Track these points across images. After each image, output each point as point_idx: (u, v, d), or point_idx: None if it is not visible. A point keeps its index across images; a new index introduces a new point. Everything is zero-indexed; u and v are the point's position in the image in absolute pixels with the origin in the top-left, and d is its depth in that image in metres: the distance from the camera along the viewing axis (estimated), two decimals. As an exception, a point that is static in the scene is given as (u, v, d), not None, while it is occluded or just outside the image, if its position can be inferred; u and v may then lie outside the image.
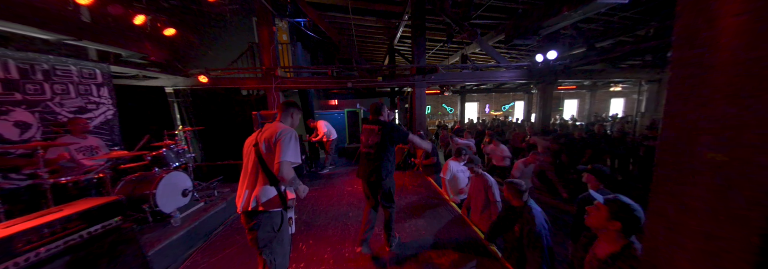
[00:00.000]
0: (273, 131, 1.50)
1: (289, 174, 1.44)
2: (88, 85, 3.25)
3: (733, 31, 0.65)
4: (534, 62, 5.45)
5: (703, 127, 0.71)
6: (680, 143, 0.76)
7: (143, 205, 2.44)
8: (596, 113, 13.43)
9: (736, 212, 0.64)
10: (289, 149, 1.45)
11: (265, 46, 5.32)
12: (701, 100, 0.71)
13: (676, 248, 0.78)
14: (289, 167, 1.44)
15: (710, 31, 0.69)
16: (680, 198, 0.76)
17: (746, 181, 0.63)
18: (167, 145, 3.06)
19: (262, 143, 1.50)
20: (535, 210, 1.80)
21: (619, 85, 11.49)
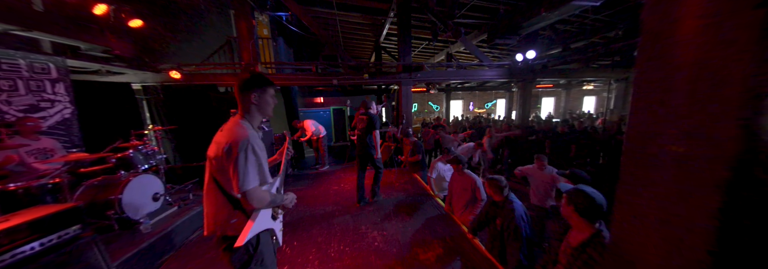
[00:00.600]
0: (220, 142, 1.12)
1: (262, 200, 1.14)
2: (40, 81, 2.94)
3: (694, 32, 0.68)
4: (514, 61, 5.63)
5: (665, 121, 0.75)
6: (644, 136, 0.81)
7: (108, 212, 2.25)
8: (570, 110, 14.17)
9: (694, 201, 0.69)
10: (248, 171, 1.08)
11: (244, 41, 5.08)
12: (664, 96, 0.75)
13: (640, 235, 0.82)
14: (258, 193, 1.11)
15: (673, 32, 0.73)
16: (644, 188, 0.81)
17: (703, 172, 0.67)
18: (135, 146, 2.84)
19: (211, 157, 1.16)
20: (515, 203, 1.87)
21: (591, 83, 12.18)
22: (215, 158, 1.14)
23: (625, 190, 0.88)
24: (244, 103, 1.20)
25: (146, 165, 2.83)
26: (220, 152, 1.11)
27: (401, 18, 5.51)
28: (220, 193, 1.17)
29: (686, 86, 0.70)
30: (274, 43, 6.49)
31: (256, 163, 1.11)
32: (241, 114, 1.22)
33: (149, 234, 2.31)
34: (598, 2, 3.34)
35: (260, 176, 1.12)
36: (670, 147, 0.74)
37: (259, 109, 1.22)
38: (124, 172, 2.58)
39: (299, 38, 8.28)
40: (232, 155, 1.08)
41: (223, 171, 1.13)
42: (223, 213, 1.18)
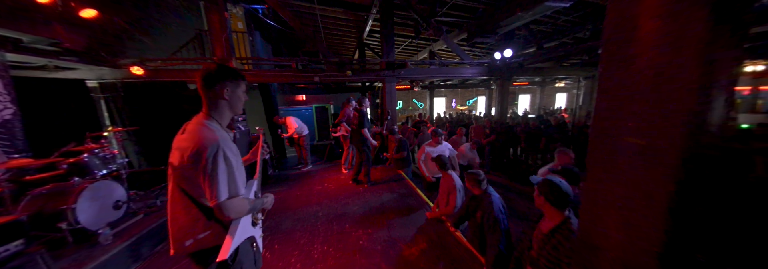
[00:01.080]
0: (184, 148, 0.96)
1: (240, 210, 1.00)
2: (-31, 77, 2.56)
3: (650, 33, 0.73)
4: (493, 60, 5.79)
5: (625, 116, 0.80)
6: (607, 130, 0.86)
7: (59, 223, 2.02)
8: (544, 107, 14.93)
9: (650, 188, 0.75)
10: (218, 180, 0.94)
11: (216, 35, 4.76)
12: (624, 93, 0.80)
13: (604, 221, 0.88)
14: (234, 204, 0.97)
15: (631, 32, 0.77)
16: (607, 177, 0.86)
17: (658, 162, 0.73)
18: (90, 150, 2.57)
19: (175, 164, 0.99)
20: (493, 196, 1.93)
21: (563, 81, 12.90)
22: (180, 166, 0.97)
23: (590, 179, 0.93)
24: (211, 98, 1.03)
25: (104, 171, 2.58)
26: (185, 160, 0.95)
27: (384, 14, 5.44)
28: (191, 203, 1.00)
29: (643, 83, 0.75)
30: (250, 37, 6.15)
31: (227, 172, 0.96)
32: (207, 112, 1.04)
33: (109, 245, 2.10)
34: (569, 3, 3.50)
35: (232, 186, 0.98)
36: (628, 139, 0.79)
37: (231, 105, 1.06)
38: (78, 179, 2.33)
39: (278, 33, 7.95)
40: (201, 163, 0.93)
41: (190, 179, 0.98)
42: (197, 225, 1.01)
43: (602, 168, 0.88)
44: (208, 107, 1.04)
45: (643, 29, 0.74)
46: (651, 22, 0.72)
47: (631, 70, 0.78)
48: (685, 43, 0.66)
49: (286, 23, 6.31)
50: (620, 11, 0.80)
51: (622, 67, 0.80)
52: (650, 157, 0.74)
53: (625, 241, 0.81)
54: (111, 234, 2.20)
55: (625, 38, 0.79)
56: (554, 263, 1.25)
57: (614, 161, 0.84)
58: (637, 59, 0.76)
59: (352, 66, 5.94)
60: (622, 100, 0.81)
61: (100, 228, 2.19)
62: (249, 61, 5.60)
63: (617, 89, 0.82)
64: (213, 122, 1.03)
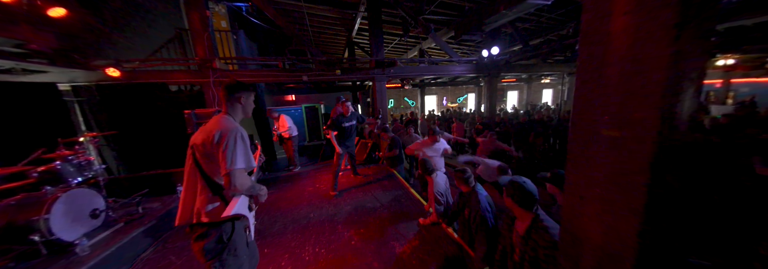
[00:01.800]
0: (210, 130, 1.23)
1: (244, 183, 1.21)
2: None
3: (622, 28, 0.74)
4: (481, 57, 5.86)
5: (601, 109, 0.82)
6: (585, 123, 0.88)
7: (31, 235, 1.91)
8: (531, 103, 15.27)
9: (628, 179, 0.76)
10: (236, 154, 1.19)
11: (197, 34, 4.58)
12: (598, 87, 0.82)
13: (586, 214, 0.90)
14: (242, 175, 1.20)
15: (605, 28, 0.79)
16: (587, 170, 0.88)
17: (633, 153, 0.75)
18: (63, 157, 2.43)
19: (198, 144, 1.25)
20: (480, 195, 1.94)
21: (549, 77, 13.21)
22: (202, 144, 1.23)
23: (572, 172, 0.94)
24: (231, 103, 1.36)
25: (80, 178, 2.45)
26: (209, 138, 1.21)
27: (372, 12, 5.40)
28: (201, 179, 1.25)
29: (616, 78, 0.77)
30: (234, 36, 5.97)
31: (243, 148, 1.22)
32: (226, 111, 1.36)
33: (87, 256, 2.00)
34: (549, 1, 3.58)
35: (247, 160, 1.22)
36: (604, 131, 0.81)
37: (244, 109, 1.39)
38: (51, 188, 2.20)
39: (264, 32, 7.75)
40: (223, 140, 1.19)
41: (209, 156, 1.23)
42: (202, 198, 1.24)
43: (582, 161, 0.90)
44: (228, 109, 1.37)
45: (615, 25, 0.76)
46: (622, 18, 0.74)
47: (605, 65, 0.80)
48: (653, 37, 0.68)
49: (272, 22, 6.16)
50: (595, 9, 0.82)
51: (596, 61, 0.82)
52: (625, 149, 0.76)
53: (606, 231, 0.83)
54: (88, 244, 2.09)
55: (598, 34, 0.81)
56: (536, 263, 1.26)
57: (592, 153, 0.86)
58: (610, 54, 0.78)
59: (342, 65, 5.88)
60: (597, 93, 0.83)
61: (76, 238, 2.08)
62: (234, 61, 5.44)
63: (592, 83, 0.84)
64: (231, 118, 1.34)
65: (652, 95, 0.69)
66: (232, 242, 1.24)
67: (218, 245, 1.22)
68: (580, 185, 0.91)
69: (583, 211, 0.90)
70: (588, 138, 0.87)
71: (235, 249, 1.26)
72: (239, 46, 6.21)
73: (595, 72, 0.83)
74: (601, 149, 0.83)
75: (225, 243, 1.23)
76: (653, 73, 0.69)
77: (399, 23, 6.58)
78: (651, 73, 0.69)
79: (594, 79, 0.83)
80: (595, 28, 0.82)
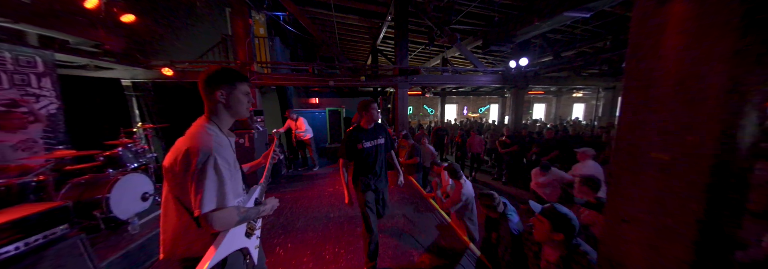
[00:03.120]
0: (180, 149, 0.91)
1: (227, 222, 0.92)
2: (25, 75, 2.83)
3: (675, 48, 0.73)
4: (508, 68, 5.78)
5: (650, 130, 0.80)
6: (631, 145, 0.85)
7: (94, 211, 2.18)
8: (561, 117, 14.57)
9: (678, 206, 0.73)
10: (205, 190, 0.87)
11: (239, 40, 5.02)
12: (649, 107, 0.80)
13: (628, 239, 0.85)
14: (222, 217, 0.90)
15: (656, 47, 0.78)
16: (631, 193, 0.84)
17: (684, 179, 0.71)
18: (124, 144, 2.76)
19: (167, 167, 0.94)
20: (511, 222, 1.80)
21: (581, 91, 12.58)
22: (170, 170, 0.92)
23: (614, 195, 0.91)
24: (209, 101, 0.99)
25: (135, 164, 2.76)
26: (176, 164, 0.90)
27: (399, 22, 5.58)
28: (182, 209, 0.95)
29: (667, 98, 0.75)
30: (270, 42, 6.44)
31: (217, 181, 0.89)
32: (207, 116, 1.00)
33: (137, 235, 2.24)
34: (589, 14, 3.49)
35: (220, 197, 0.90)
36: (652, 154, 0.78)
37: (229, 108, 1.00)
38: (113, 171, 2.51)
39: (295, 38, 8.25)
40: (190, 169, 0.88)
41: (181, 185, 0.91)
42: (188, 233, 0.95)
43: (626, 183, 0.85)
44: (208, 111, 1.01)
45: (667, 44, 0.74)
46: (676, 36, 0.72)
47: (655, 85, 0.78)
48: (711, 58, 0.65)
49: (304, 29, 6.56)
50: (644, 26, 0.80)
51: (645, 80, 0.80)
52: (677, 173, 0.72)
53: (650, 258, 0.78)
54: (139, 224, 2.34)
55: (648, 52, 0.79)
56: None
57: (638, 176, 0.81)
58: (661, 73, 0.76)
59: (366, 71, 6.08)
60: (645, 113, 0.80)
61: (129, 217, 2.34)
62: (269, 65, 5.85)
63: (640, 102, 0.82)
64: (212, 126, 0.99)
65: (708, 118, 0.66)
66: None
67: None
68: (623, 208, 0.86)
69: (625, 236, 0.86)
70: (633, 160, 0.83)
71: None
72: (274, 51, 6.67)
73: (642, 90, 0.81)
74: (649, 172, 0.79)
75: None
76: (710, 95, 0.65)
77: (424, 32, 6.71)
78: (708, 95, 0.66)
79: (641, 98, 0.81)
80: (644, 45, 0.81)
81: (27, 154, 2.36)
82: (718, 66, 0.65)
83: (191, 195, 0.89)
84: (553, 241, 1.25)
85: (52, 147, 2.89)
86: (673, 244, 0.74)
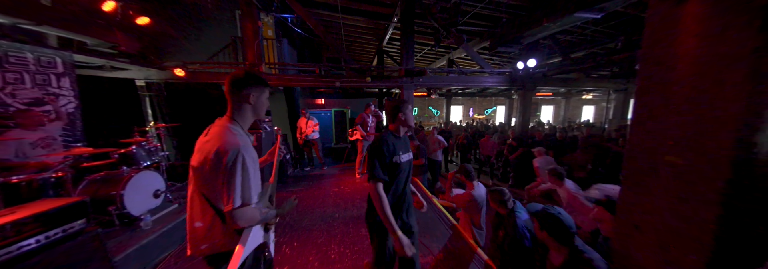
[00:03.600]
0: (209, 149, 0.96)
1: (251, 219, 0.98)
2: (46, 75, 2.95)
3: (692, 51, 0.72)
4: (515, 69, 5.73)
5: (664, 134, 0.78)
6: (644, 148, 0.83)
7: (109, 207, 2.25)
8: (569, 119, 14.33)
9: (692, 212, 0.71)
10: (234, 187, 0.93)
11: (248, 41, 5.12)
12: (664, 110, 0.78)
13: (641, 246, 0.84)
14: (246, 213, 0.96)
15: (672, 49, 0.76)
16: (644, 197, 0.83)
17: (700, 183, 0.69)
18: (137, 142, 2.84)
19: (196, 167, 1.00)
20: (519, 219, 1.80)
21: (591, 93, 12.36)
22: (200, 169, 0.97)
23: (626, 198, 0.89)
24: (237, 102, 1.05)
25: (148, 162, 2.83)
26: (207, 163, 0.95)
27: (404, 23, 5.59)
28: (208, 207, 1.00)
29: (683, 102, 0.73)
30: (278, 44, 6.54)
31: (242, 178, 0.96)
32: (231, 115, 1.05)
33: (149, 230, 2.30)
34: (600, 15, 3.43)
35: (246, 193, 0.97)
36: (667, 158, 0.76)
37: (255, 110, 1.09)
38: (127, 168, 2.58)
39: (302, 40, 8.36)
40: (221, 167, 0.93)
41: (209, 183, 0.97)
42: (213, 229, 1.01)
43: (639, 189, 0.84)
44: (232, 110, 1.06)
45: (683, 47, 0.73)
46: (692, 39, 0.71)
47: (669, 87, 0.76)
48: (729, 61, 0.63)
49: (311, 31, 6.64)
50: (658, 27, 0.79)
51: (660, 83, 0.79)
52: (692, 178, 0.70)
53: (662, 264, 0.77)
54: (151, 220, 2.40)
55: (663, 54, 0.78)
56: None
57: (652, 180, 0.79)
58: (676, 76, 0.74)
59: (372, 72, 6.11)
60: (660, 116, 0.78)
61: (142, 214, 2.40)
62: (277, 66, 5.94)
63: (654, 106, 0.80)
64: (236, 126, 1.04)
65: (726, 122, 0.64)
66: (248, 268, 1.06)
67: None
68: (636, 213, 0.84)
69: (638, 241, 0.84)
70: (647, 164, 0.82)
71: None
72: (282, 52, 6.77)
73: (657, 94, 0.79)
74: (663, 176, 0.77)
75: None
76: (728, 98, 0.64)
77: (430, 33, 6.71)
78: (726, 99, 0.64)
79: (656, 101, 0.80)
80: (659, 47, 0.79)
81: (46, 151, 2.45)
82: (737, 67, 0.63)
83: (221, 192, 0.94)
84: (545, 240, 1.29)
85: (70, 144, 2.99)
86: (688, 252, 0.72)
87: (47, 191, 2.01)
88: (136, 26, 4.08)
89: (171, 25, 5.02)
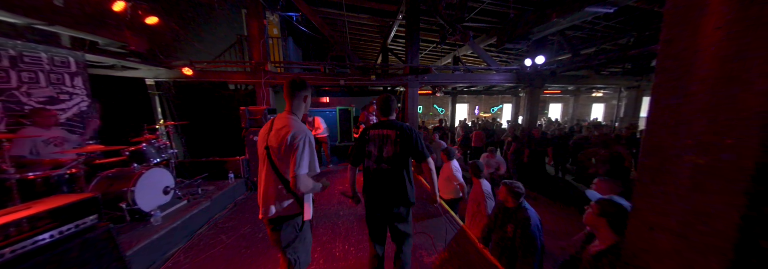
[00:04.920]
0: (284, 134, 1.30)
1: (307, 186, 1.31)
2: (60, 74, 3.03)
3: (713, 44, 0.69)
4: (523, 66, 5.61)
5: (684, 132, 0.74)
6: (662, 147, 0.79)
7: (120, 203, 2.31)
8: (578, 118, 14.03)
9: (712, 215, 0.67)
10: (303, 159, 1.28)
11: (254, 40, 5.15)
12: (684, 107, 0.75)
13: (656, 247, 0.80)
14: (306, 180, 1.30)
15: (693, 43, 0.73)
16: (660, 199, 0.79)
17: (722, 184, 0.66)
18: (147, 140, 2.90)
19: (274, 147, 1.33)
20: (529, 211, 1.80)
21: (601, 90, 12.05)
22: (278, 146, 1.31)
23: (641, 201, 0.86)
24: (295, 101, 1.40)
25: (158, 159, 2.89)
26: (284, 142, 1.29)
27: (409, 20, 5.53)
28: (278, 179, 1.34)
29: (704, 98, 0.70)
30: (283, 42, 6.57)
31: (310, 153, 1.31)
32: (291, 110, 1.41)
33: (159, 226, 2.35)
34: (612, 9, 3.32)
35: (312, 165, 1.32)
36: (687, 157, 0.73)
37: (306, 108, 1.44)
38: (137, 165, 2.64)
39: (307, 38, 8.37)
40: (295, 143, 1.28)
41: (283, 158, 1.31)
42: (278, 195, 1.35)
43: (655, 189, 0.80)
44: (292, 108, 1.41)
45: (705, 40, 0.70)
46: (714, 32, 0.68)
47: (689, 83, 0.73)
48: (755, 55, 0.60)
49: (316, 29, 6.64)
50: (679, 22, 0.76)
51: (679, 78, 0.75)
52: (712, 179, 0.67)
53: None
54: (161, 216, 2.46)
55: (683, 48, 0.75)
56: None
57: (669, 181, 0.76)
58: (697, 71, 0.71)
59: (376, 70, 6.09)
60: (678, 113, 0.75)
61: (152, 210, 2.46)
62: (282, 65, 5.97)
63: (673, 102, 0.77)
64: (297, 118, 1.40)
65: (750, 119, 0.61)
66: (304, 231, 1.43)
67: (293, 234, 1.39)
68: (651, 213, 0.81)
69: (653, 244, 0.81)
70: (664, 165, 0.79)
71: (305, 238, 1.45)
72: (287, 51, 6.80)
73: (676, 90, 0.76)
74: (681, 176, 0.74)
75: (297, 234, 1.40)
76: (754, 92, 0.61)
77: (435, 31, 6.62)
78: (750, 94, 0.61)
79: (675, 98, 0.76)
80: (678, 42, 0.76)
81: (59, 149, 2.52)
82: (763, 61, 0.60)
83: (291, 166, 1.28)
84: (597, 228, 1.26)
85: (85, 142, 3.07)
86: (707, 255, 0.69)
87: (61, 187, 2.07)
88: (146, 26, 4.14)
89: (179, 25, 5.08)
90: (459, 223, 2.85)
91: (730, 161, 0.65)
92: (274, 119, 1.43)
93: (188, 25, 5.34)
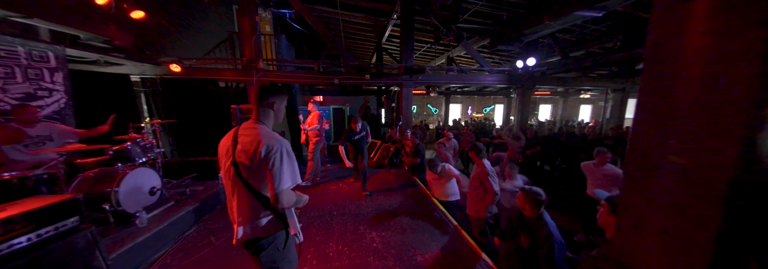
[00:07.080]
0: (256, 147, 1.11)
1: (290, 201, 1.16)
2: (39, 69, 2.88)
3: (696, 48, 0.71)
4: (514, 68, 5.71)
5: (668, 133, 0.77)
6: (647, 148, 0.82)
7: (103, 204, 2.22)
8: (567, 118, 14.39)
9: (694, 212, 0.71)
10: (284, 173, 1.11)
11: (246, 37, 5.04)
12: (668, 109, 0.78)
13: (642, 245, 0.83)
14: (289, 194, 1.15)
15: (677, 48, 0.76)
16: (646, 196, 0.82)
17: (704, 183, 0.69)
18: (132, 139, 2.80)
19: (245, 163, 1.14)
20: (550, 226, 1.66)
21: (588, 92, 12.40)
22: (250, 162, 1.13)
23: (627, 199, 0.89)
24: (262, 108, 1.23)
25: (143, 159, 2.79)
26: (256, 156, 1.11)
27: (404, 20, 5.54)
28: (253, 196, 1.16)
29: (687, 101, 0.72)
30: (276, 40, 6.46)
31: (289, 164, 1.15)
32: (257, 118, 1.23)
33: (145, 228, 2.27)
34: (601, 13, 3.41)
35: (293, 177, 1.16)
36: (670, 157, 0.76)
37: (276, 116, 1.27)
38: (121, 165, 2.54)
39: (300, 36, 8.26)
40: (269, 157, 1.11)
41: (254, 172, 1.14)
42: (254, 212, 1.18)
43: (640, 188, 0.83)
44: (258, 115, 1.23)
45: (689, 45, 0.72)
46: (698, 37, 0.70)
47: (674, 86, 0.76)
48: (736, 59, 0.62)
49: (310, 27, 6.56)
50: (665, 27, 0.78)
51: (664, 82, 0.78)
52: (694, 179, 0.69)
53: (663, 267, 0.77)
54: (147, 217, 2.37)
55: (669, 52, 0.77)
56: None
57: (653, 179, 0.79)
58: (682, 75, 0.74)
59: (371, 70, 6.06)
60: (663, 115, 0.78)
61: (137, 211, 2.37)
62: (274, 62, 5.87)
63: (658, 104, 0.79)
64: (265, 126, 1.22)
65: (730, 123, 0.64)
66: (287, 249, 1.28)
67: (274, 254, 1.24)
68: (637, 212, 0.85)
69: (639, 242, 0.84)
70: (649, 164, 0.81)
71: (289, 257, 1.31)
72: (280, 48, 6.68)
73: (661, 93, 0.79)
74: (665, 176, 0.77)
75: (281, 252, 1.25)
76: (734, 98, 0.63)
77: (430, 31, 6.65)
78: (731, 98, 0.64)
79: (660, 100, 0.79)
80: (664, 46, 0.78)
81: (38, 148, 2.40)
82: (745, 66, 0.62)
83: (269, 179, 1.12)
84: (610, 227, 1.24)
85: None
86: (689, 250, 0.72)
87: (40, 188, 1.97)
88: (131, 20, 3.98)
89: (167, 19, 4.91)
90: (453, 223, 2.88)
91: (711, 162, 0.68)
92: (237, 129, 1.23)
93: (176, 20, 5.17)
